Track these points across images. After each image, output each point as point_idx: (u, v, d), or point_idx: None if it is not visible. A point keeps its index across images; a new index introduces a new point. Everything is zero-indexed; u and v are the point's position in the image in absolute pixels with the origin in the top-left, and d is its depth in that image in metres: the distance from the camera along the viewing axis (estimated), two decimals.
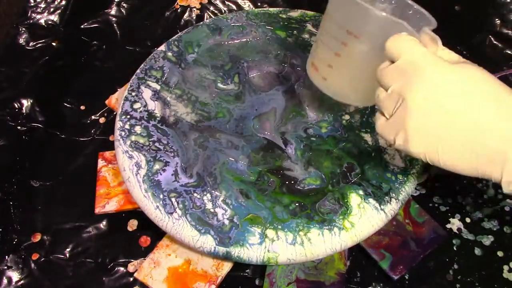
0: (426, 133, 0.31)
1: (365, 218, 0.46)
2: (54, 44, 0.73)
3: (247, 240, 0.44)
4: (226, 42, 0.63)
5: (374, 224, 0.46)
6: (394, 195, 0.47)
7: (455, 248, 0.53)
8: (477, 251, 0.53)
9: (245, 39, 0.63)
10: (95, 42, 0.74)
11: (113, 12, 0.78)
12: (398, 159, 0.50)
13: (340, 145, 0.52)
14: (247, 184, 0.49)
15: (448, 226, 0.54)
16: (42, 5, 0.78)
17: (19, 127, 0.63)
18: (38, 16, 0.76)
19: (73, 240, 0.54)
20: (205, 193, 0.48)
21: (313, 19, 0.64)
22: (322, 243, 0.44)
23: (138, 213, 0.55)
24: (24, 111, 0.65)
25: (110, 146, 0.61)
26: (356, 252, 0.52)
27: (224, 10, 0.79)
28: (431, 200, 0.56)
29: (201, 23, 0.64)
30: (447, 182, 0.58)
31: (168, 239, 0.51)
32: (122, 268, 0.52)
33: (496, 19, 0.74)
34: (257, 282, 0.51)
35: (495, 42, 0.72)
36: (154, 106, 0.55)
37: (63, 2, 0.78)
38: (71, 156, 0.61)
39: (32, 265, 0.52)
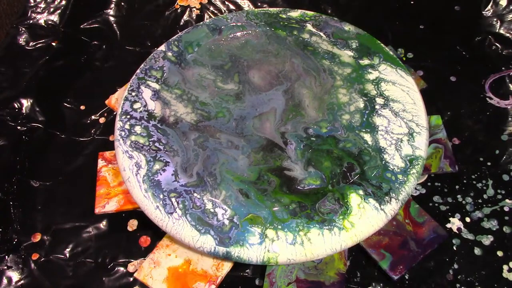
0: None
1: (365, 218, 0.46)
2: (54, 44, 0.73)
3: (247, 240, 0.44)
4: (226, 42, 0.63)
5: (374, 224, 0.46)
6: (394, 195, 0.47)
7: (455, 248, 0.53)
8: (477, 251, 0.53)
9: (245, 39, 0.63)
10: (95, 42, 0.74)
11: (113, 12, 0.78)
12: (398, 159, 0.50)
13: (340, 145, 0.52)
14: (247, 184, 0.49)
15: (448, 226, 0.54)
16: (42, 5, 0.78)
17: (19, 127, 0.64)
18: (38, 16, 0.76)
19: (73, 240, 0.54)
20: (205, 193, 0.48)
21: (313, 19, 0.64)
22: (322, 243, 0.44)
23: (138, 213, 0.55)
24: (24, 111, 0.65)
25: (110, 146, 0.61)
26: (356, 252, 0.52)
27: (224, 10, 0.79)
28: (431, 200, 0.56)
29: (201, 23, 0.64)
30: (447, 182, 0.58)
31: (168, 239, 0.51)
32: (122, 268, 0.52)
33: (496, 20, 0.74)
34: (257, 282, 0.51)
35: (494, 42, 0.72)
36: (154, 106, 0.55)
37: (63, 2, 0.78)
38: (71, 156, 0.61)
39: (32, 265, 0.53)
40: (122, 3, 0.79)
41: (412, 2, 0.77)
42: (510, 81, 0.67)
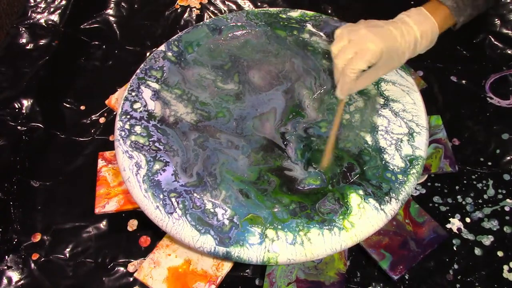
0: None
1: (365, 218, 0.46)
2: (54, 44, 0.73)
3: (247, 240, 0.44)
4: (226, 42, 0.63)
5: (374, 224, 0.46)
6: (394, 195, 0.47)
7: (455, 248, 0.53)
8: (477, 251, 0.53)
9: (245, 39, 0.63)
10: (95, 42, 0.74)
11: (112, 12, 0.78)
12: (398, 159, 0.50)
13: (340, 145, 0.52)
14: (247, 184, 0.49)
15: (448, 226, 0.54)
16: (42, 5, 0.78)
17: (19, 127, 0.63)
18: (38, 16, 0.76)
19: (73, 240, 0.54)
20: (205, 193, 0.48)
21: (313, 19, 0.64)
22: (322, 243, 0.44)
23: (138, 213, 0.55)
24: (24, 111, 0.65)
25: (110, 146, 0.61)
26: (356, 252, 0.52)
27: (224, 10, 0.79)
28: (431, 200, 0.56)
29: (201, 23, 0.64)
30: (447, 182, 0.58)
31: (168, 239, 0.51)
32: (122, 268, 0.52)
33: (496, 19, 0.74)
34: (257, 282, 0.51)
35: (495, 42, 0.72)
36: (154, 106, 0.55)
37: (63, 2, 0.78)
38: (71, 156, 0.61)
39: (32, 265, 0.53)
40: (122, 3, 0.79)
41: (412, 2, 0.77)
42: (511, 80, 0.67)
